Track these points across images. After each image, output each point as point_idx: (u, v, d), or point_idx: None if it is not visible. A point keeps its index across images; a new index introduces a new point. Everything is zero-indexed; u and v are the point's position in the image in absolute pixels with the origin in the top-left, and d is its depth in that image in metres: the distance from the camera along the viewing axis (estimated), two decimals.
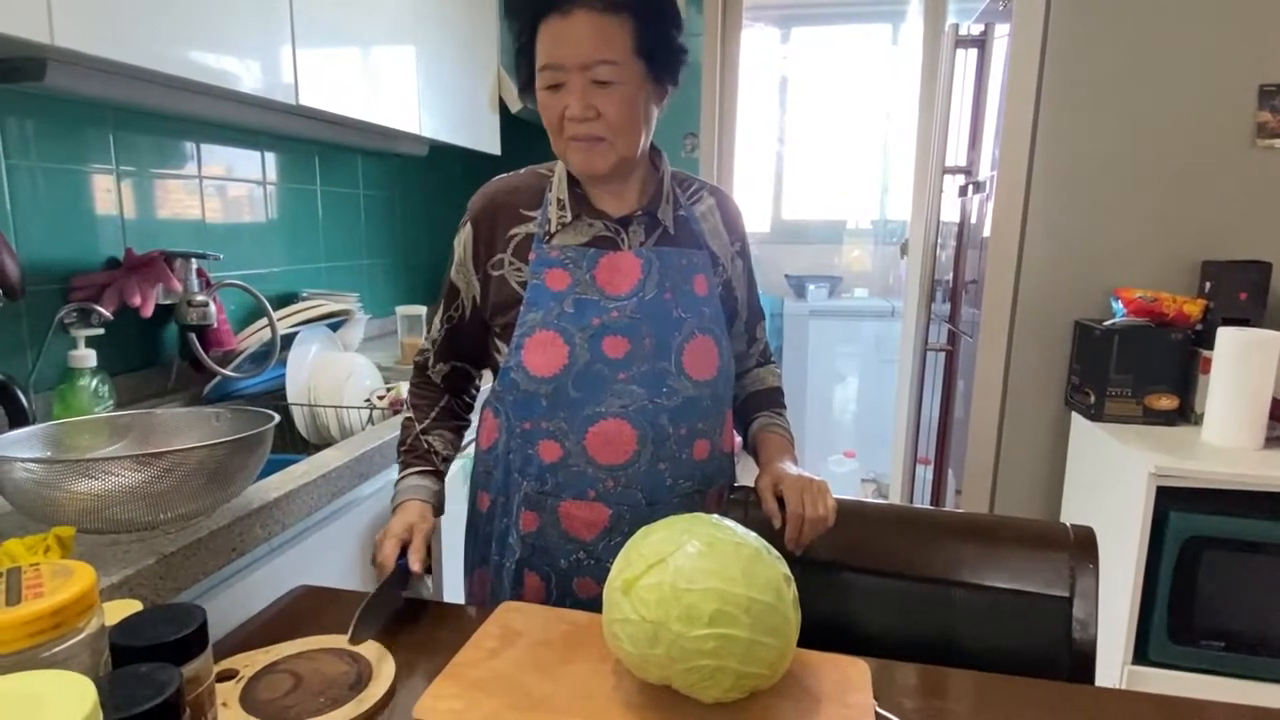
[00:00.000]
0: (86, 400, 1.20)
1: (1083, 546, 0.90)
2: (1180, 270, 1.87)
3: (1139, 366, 1.74)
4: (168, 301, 1.37)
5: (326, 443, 1.47)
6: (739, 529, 0.72)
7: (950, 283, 2.49)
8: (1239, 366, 1.57)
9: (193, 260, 1.41)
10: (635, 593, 0.67)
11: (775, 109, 4.16)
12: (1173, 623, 1.53)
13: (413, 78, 1.82)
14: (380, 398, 1.54)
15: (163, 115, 1.44)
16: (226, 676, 0.74)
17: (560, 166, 0.99)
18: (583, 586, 0.96)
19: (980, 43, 2.25)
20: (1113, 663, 1.58)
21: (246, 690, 0.72)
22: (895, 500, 2.73)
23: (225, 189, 1.64)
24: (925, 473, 2.66)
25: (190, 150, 1.54)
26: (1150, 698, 0.76)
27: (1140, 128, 1.84)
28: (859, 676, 0.74)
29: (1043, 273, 1.93)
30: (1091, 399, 1.80)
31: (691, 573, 0.66)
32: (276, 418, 1.00)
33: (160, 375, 1.47)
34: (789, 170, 4.22)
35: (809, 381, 3.82)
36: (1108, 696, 0.77)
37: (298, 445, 1.50)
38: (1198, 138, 1.82)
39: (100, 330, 1.24)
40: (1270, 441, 1.61)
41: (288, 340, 1.55)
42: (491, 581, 1.02)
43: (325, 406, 1.49)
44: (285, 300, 1.78)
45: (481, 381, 1.13)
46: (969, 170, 2.34)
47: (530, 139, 2.41)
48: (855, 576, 0.95)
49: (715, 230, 1.02)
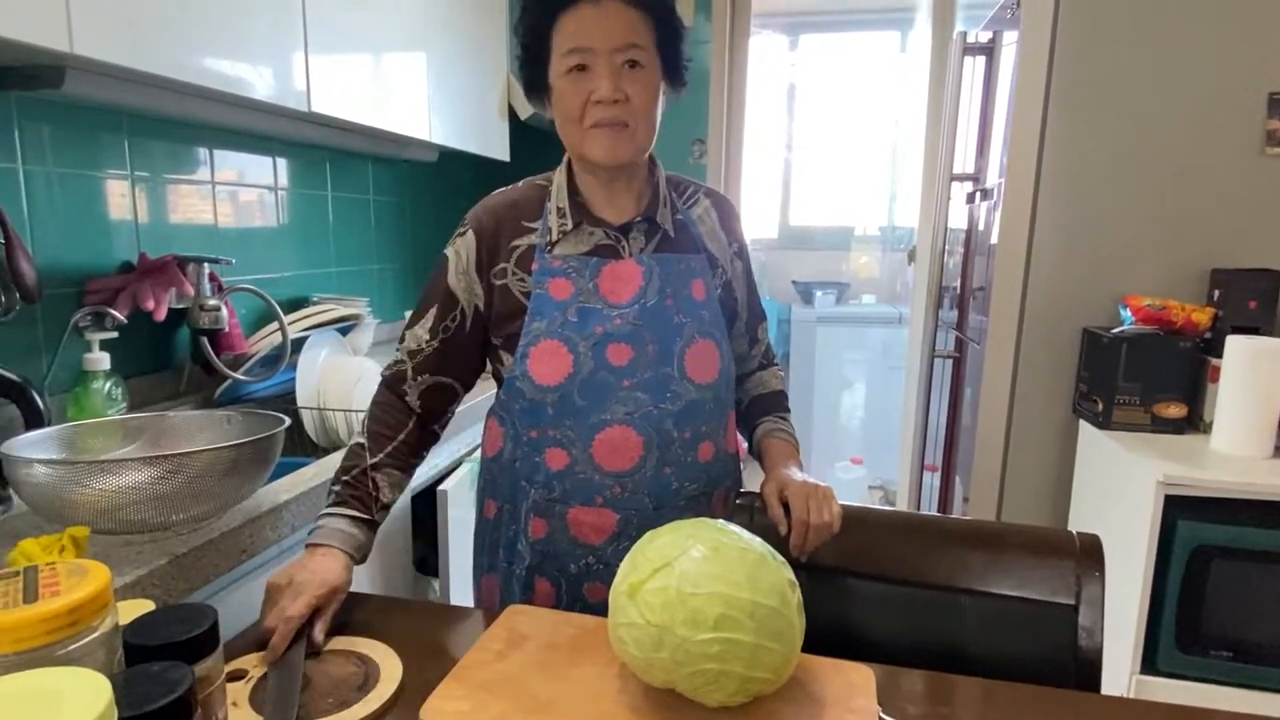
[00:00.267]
0: (100, 403, 1.21)
1: (1089, 554, 0.90)
2: (1189, 278, 1.86)
3: (1147, 374, 1.74)
4: (180, 305, 1.39)
5: (336, 446, 1.48)
6: (744, 534, 0.72)
7: (958, 289, 2.49)
8: (1248, 375, 1.57)
9: (205, 265, 1.42)
10: (640, 597, 0.68)
11: (783, 115, 4.17)
12: (1181, 632, 1.52)
13: (423, 84, 1.83)
14: None
15: (177, 122, 1.46)
16: (236, 676, 0.74)
17: (559, 175, 0.99)
18: (593, 591, 0.96)
19: (988, 50, 2.26)
20: (1121, 672, 1.57)
21: (256, 690, 0.73)
22: (902, 507, 2.73)
23: (237, 194, 1.65)
24: (932, 480, 2.65)
25: (203, 156, 1.56)
26: (1157, 707, 0.76)
27: (1149, 135, 1.84)
28: (863, 682, 0.74)
29: (1050, 280, 1.93)
30: (1099, 407, 1.79)
31: (697, 577, 0.66)
32: (287, 421, 1.01)
33: (172, 378, 1.48)
34: (797, 176, 4.22)
35: (816, 387, 3.82)
36: (1114, 705, 0.77)
37: (307, 448, 1.51)
38: (1207, 145, 1.81)
39: (114, 333, 1.25)
40: None
41: (298, 344, 1.56)
42: (501, 588, 1.02)
43: (335, 410, 1.50)
44: (296, 304, 1.80)
45: (459, 406, 1.05)
46: (977, 177, 2.33)
47: (538, 146, 2.43)
48: (861, 582, 0.95)
49: (713, 232, 1.03)
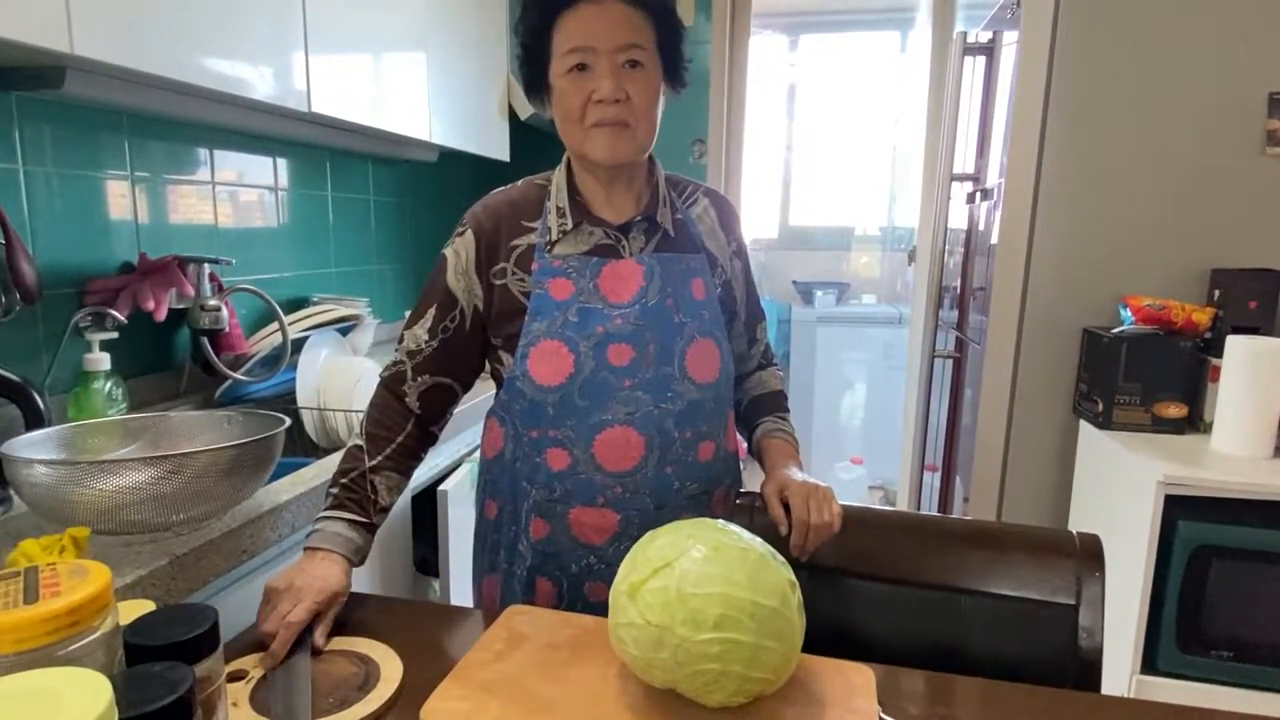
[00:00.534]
0: (100, 403, 1.22)
1: (1089, 554, 0.90)
2: (1189, 278, 1.86)
3: (1147, 374, 1.74)
4: (180, 306, 1.39)
5: (336, 446, 1.48)
6: (744, 534, 0.72)
7: (958, 289, 2.49)
8: (1249, 375, 1.57)
9: (205, 265, 1.42)
10: (641, 597, 0.68)
11: (783, 115, 4.17)
12: (1181, 632, 1.52)
13: (423, 84, 1.83)
14: None
15: (177, 122, 1.46)
16: (237, 677, 0.74)
17: (558, 174, 0.99)
18: (594, 591, 0.96)
19: (988, 50, 2.26)
20: (1121, 672, 1.57)
21: (256, 690, 0.73)
22: (902, 507, 2.73)
23: (237, 194, 1.66)
24: (932, 480, 2.65)
25: (203, 156, 1.56)
26: (1157, 707, 0.76)
27: (1149, 134, 1.84)
28: (864, 682, 0.74)
29: (1051, 280, 1.93)
30: (1100, 407, 1.79)
31: (697, 577, 0.66)
32: (287, 421, 1.01)
33: (172, 379, 1.48)
34: (797, 176, 4.23)
35: (816, 388, 3.82)
36: (1114, 705, 0.77)
37: (307, 448, 1.51)
38: (1207, 145, 1.81)
39: (114, 334, 1.25)
40: None
41: (298, 344, 1.56)
42: (502, 588, 1.02)
43: (335, 410, 1.50)
44: (296, 305, 1.80)
45: (457, 408, 1.04)
46: (977, 177, 2.33)
47: (538, 146, 2.43)
48: (861, 583, 0.95)
49: (712, 231, 1.03)
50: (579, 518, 0.95)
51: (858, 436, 3.88)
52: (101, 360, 1.22)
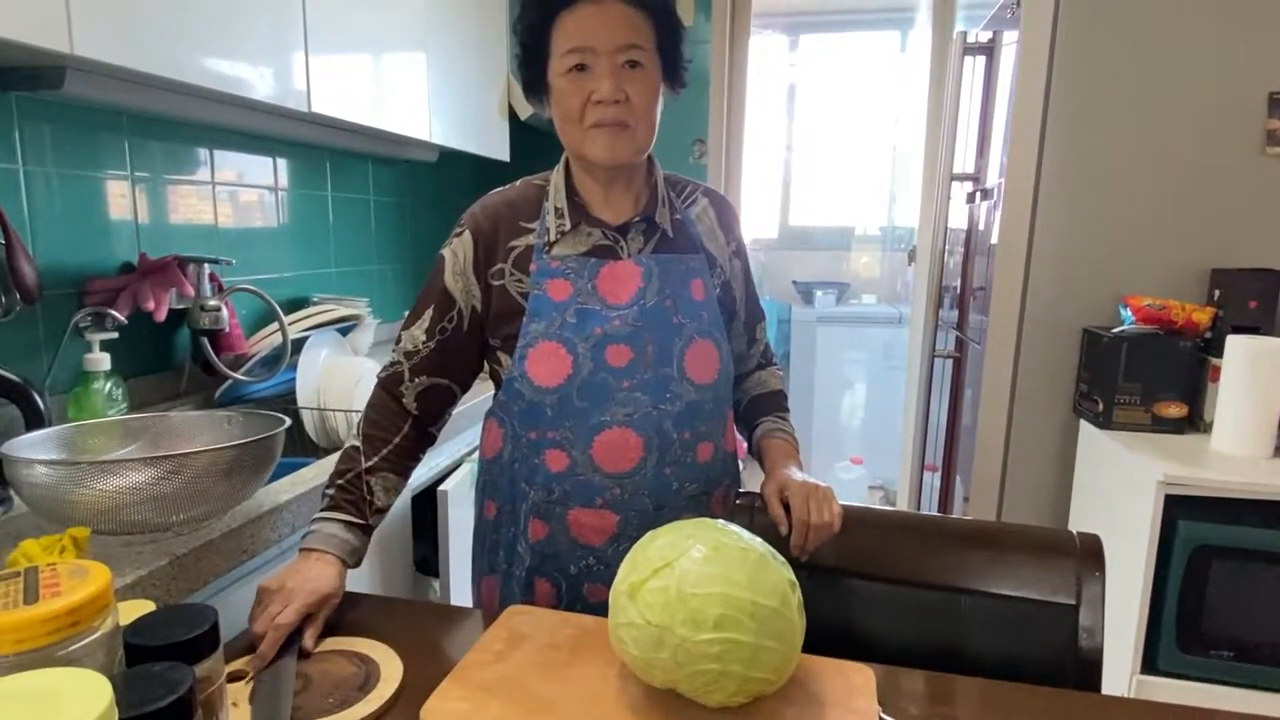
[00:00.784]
0: (100, 403, 1.22)
1: (1089, 554, 0.90)
2: (1189, 278, 1.86)
3: (1148, 374, 1.74)
4: (180, 306, 1.39)
5: (336, 447, 1.48)
6: (744, 534, 0.72)
7: (958, 289, 2.49)
8: (1249, 374, 1.57)
9: (205, 265, 1.42)
10: (640, 597, 0.68)
11: (784, 115, 4.17)
12: (1182, 632, 1.52)
13: (423, 84, 1.83)
14: None
15: (177, 122, 1.46)
16: (237, 677, 0.74)
17: (557, 175, 0.99)
18: (593, 591, 0.96)
19: (988, 50, 2.26)
20: (1121, 672, 1.57)
21: (255, 691, 0.73)
22: (902, 507, 2.73)
23: (237, 194, 1.66)
24: (933, 479, 2.65)
25: (203, 156, 1.56)
26: (1157, 707, 0.76)
27: (1149, 134, 1.84)
28: (864, 682, 0.74)
29: (1051, 280, 1.93)
30: (1100, 407, 1.79)
31: (697, 577, 0.66)
32: (287, 421, 1.01)
33: (172, 379, 1.48)
34: (797, 176, 4.23)
35: (816, 388, 3.82)
36: (1114, 705, 0.77)
37: (307, 449, 1.51)
38: (1207, 145, 1.81)
39: (114, 334, 1.25)
40: None
41: (298, 344, 1.56)
42: (501, 589, 1.02)
43: (335, 410, 1.50)
44: (296, 305, 1.80)
45: (456, 409, 1.04)
46: (977, 177, 2.33)
47: (538, 146, 2.43)
48: (861, 583, 0.95)
49: (711, 231, 1.03)
50: (578, 519, 0.95)
51: (858, 436, 3.88)
52: (101, 360, 1.22)
